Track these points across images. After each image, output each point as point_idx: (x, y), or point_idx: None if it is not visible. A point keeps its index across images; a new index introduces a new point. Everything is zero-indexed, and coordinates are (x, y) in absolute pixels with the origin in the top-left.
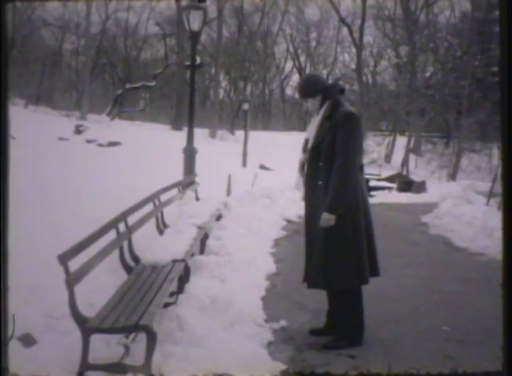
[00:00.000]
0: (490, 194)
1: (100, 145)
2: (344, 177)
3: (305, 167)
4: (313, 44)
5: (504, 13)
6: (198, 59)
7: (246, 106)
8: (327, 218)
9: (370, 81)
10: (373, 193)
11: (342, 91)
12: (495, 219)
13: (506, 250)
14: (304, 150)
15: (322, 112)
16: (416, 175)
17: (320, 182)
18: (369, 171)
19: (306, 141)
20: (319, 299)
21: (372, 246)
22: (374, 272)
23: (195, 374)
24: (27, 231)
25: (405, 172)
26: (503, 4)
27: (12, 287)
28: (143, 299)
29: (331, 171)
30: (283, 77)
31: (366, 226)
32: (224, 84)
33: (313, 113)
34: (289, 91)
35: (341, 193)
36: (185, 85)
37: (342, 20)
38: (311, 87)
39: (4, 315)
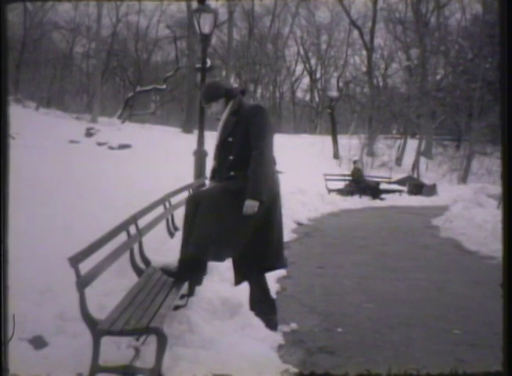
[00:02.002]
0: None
1: (111, 148)
2: (264, 165)
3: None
4: (324, 46)
5: (504, 13)
6: (209, 62)
7: None
8: (251, 205)
9: (381, 83)
10: (383, 195)
11: (243, 92)
12: None
13: (506, 250)
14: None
15: (227, 110)
16: (426, 178)
17: (232, 173)
18: (379, 174)
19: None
20: (329, 302)
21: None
22: None
23: (194, 375)
24: (38, 233)
25: (415, 175)
26: (503, 4)
27: (23, 289)
28: (154, 302)
29: (243, 163)
30: (293, 79)
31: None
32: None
33: (218, 117)
34: (299, 94)
35: (263, 180)
36: (196, 88)
37: (353, 23)
38: (213, 91)
39: (4, 315)
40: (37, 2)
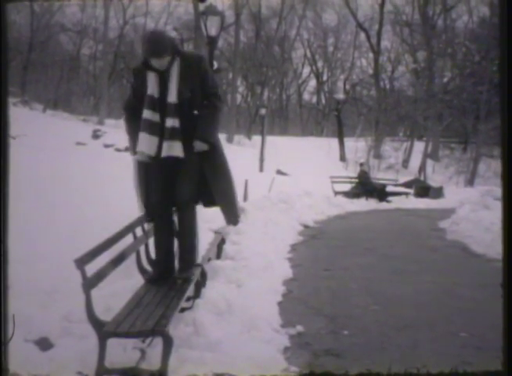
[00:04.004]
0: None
1: (118, 150)
2: (220, 110)
3: (167, 122)
4: (330, 49)
5: (504, 13)
6: (215, 64)
7: (263, 111)
8: (201, 145)
9: (388, 86)
10: (390, 198)
11: (181, 40)
12: None
13: (506, 250)
14: (153, 107)
15: (179, 66)
16: (433, 181)
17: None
18: (386, 176)
19: (151, 98)
20: (335, 304)
21: None
22: None
23: (195, 374)
24: (45, 235)
25: (422, 178)
26: (503, 4)
27: (29, 291)
28: (160, 304)
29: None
30: (300, 82)
31: None
32: (241, 89)
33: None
34: (306, 96)
35: (215, 125)
36: None
37: (360, 25)
38: (167, 44)
39: (4, 315)
40: (44, 4)
